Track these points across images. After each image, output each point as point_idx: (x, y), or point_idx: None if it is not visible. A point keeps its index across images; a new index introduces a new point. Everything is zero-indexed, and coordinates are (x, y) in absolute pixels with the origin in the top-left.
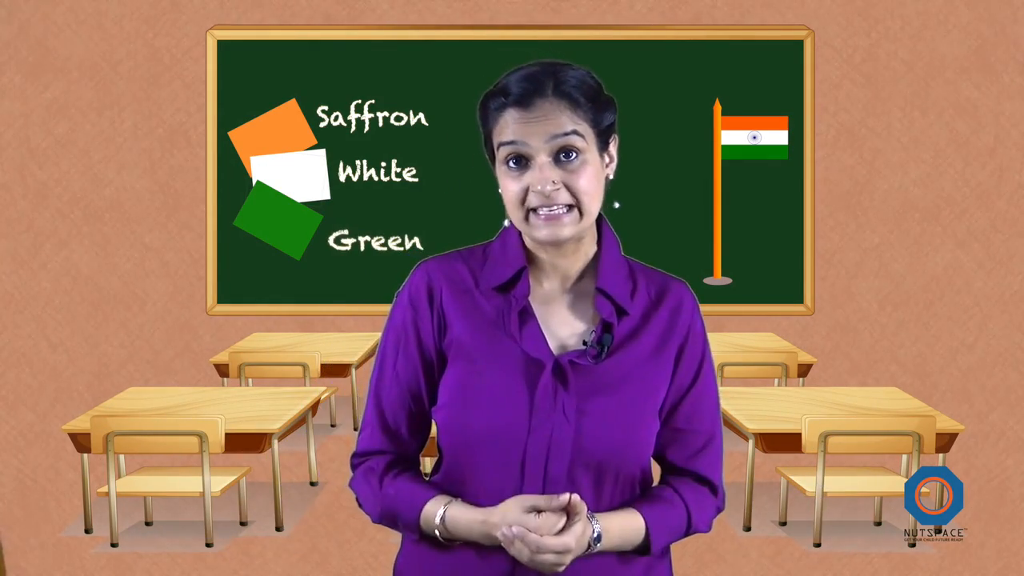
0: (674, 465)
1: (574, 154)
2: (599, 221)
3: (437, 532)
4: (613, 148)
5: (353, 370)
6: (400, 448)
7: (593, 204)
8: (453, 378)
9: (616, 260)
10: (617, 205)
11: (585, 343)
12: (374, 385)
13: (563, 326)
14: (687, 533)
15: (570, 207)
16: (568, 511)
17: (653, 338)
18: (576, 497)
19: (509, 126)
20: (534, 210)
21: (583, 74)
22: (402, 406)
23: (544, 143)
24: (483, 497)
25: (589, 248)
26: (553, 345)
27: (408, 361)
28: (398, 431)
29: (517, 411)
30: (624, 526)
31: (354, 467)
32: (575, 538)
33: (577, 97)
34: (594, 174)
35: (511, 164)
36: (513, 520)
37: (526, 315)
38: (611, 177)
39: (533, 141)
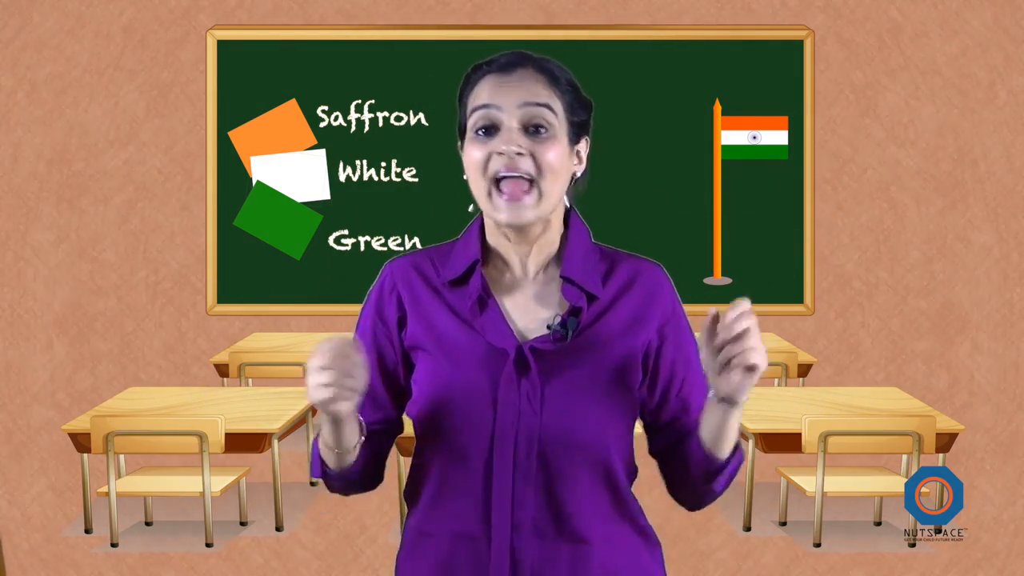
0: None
1: (544, 129)
2: (568, 214)
3: (325, 446)
4: (583, 150)
5: None
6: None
7: (554, 186)
8: (421, 374)
9: (584, 248)
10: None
11: (549, 327)
12: None
13: (526, 315)
14: (735, 471)
15: (531, 183)
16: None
17: (624, 317)
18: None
19: (485, 91)
20: (497, 185)
21: (567, 70)
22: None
23: (516, 108)
24: (457, 485)
25: (554, 238)
26: (516, 334)
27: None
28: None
29: (482, 404)
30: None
31: None
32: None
33: (558, 75)
34: (561, 154)
35: (479, 133)
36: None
37: (485, 304)
38: (577, 176)
39: (506, 104)
